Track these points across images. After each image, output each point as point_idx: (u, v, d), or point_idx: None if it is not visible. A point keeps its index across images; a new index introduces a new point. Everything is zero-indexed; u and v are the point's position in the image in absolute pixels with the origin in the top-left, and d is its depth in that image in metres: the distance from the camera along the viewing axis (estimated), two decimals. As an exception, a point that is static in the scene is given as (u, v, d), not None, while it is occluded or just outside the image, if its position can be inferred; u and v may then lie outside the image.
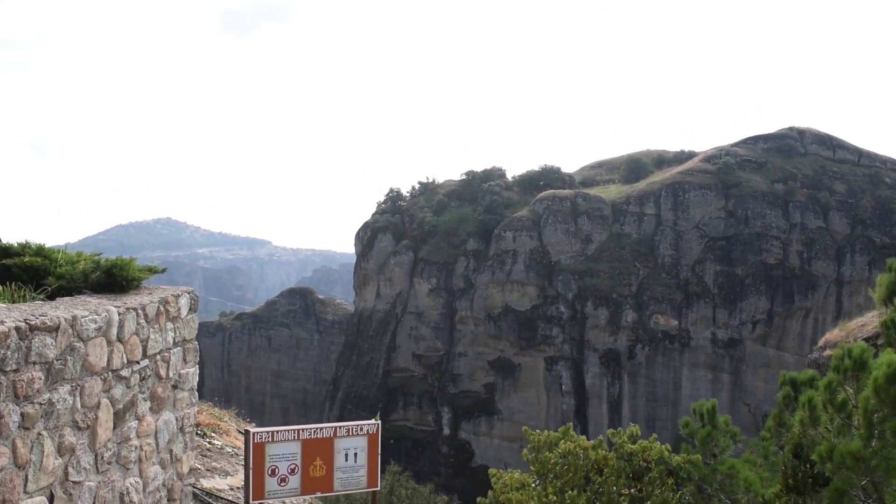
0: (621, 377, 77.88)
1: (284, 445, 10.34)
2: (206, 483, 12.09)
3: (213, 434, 14.92)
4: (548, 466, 14.30)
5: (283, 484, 10.30)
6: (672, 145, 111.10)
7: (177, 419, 9.50)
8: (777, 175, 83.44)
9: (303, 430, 10.60)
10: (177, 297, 9.40)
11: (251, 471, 10.12)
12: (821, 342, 36.30)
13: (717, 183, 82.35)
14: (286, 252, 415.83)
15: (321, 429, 10.73)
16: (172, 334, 9.18)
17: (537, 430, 15.00)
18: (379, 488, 11.29)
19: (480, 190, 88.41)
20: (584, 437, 15.22)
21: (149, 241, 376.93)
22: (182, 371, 9.63)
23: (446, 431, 79.78)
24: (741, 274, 78.71)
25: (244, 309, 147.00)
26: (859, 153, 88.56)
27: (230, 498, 11.73)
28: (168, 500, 9.32)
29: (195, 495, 10.97)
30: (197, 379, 10.33)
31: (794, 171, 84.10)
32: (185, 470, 10.03)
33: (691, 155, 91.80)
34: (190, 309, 9.93)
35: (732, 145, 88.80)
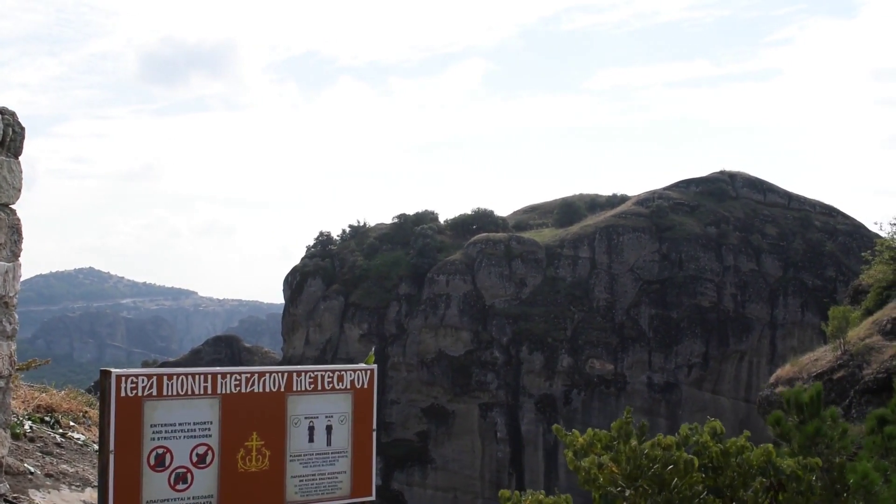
0: (557, 423, 76.08)
1: (185, 405, 5.64)
2: (41, 499, 7.31)
3: (72, 424, 10.25)
4: (607, 472, 9.65)
5: (179, 487, 5.59)
6: (605, 189, 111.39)
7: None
8: (710, 218, 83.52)
9: (225, 374, 5.87)
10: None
11: (111, 455, 5.36)
12: (772, 379, 35.14)
13: (650, 226, 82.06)
14: (212, 302, 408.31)
15: (263, 375, 5.99)
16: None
17: (574, 431, 11.48)
18: (374, 497, 6.54)
19: (413, 233, 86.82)
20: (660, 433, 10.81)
21: (70, 292, 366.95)
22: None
23: (378, 482, 76.73)
24: (676, 317, 78.16)
25: (168, 360, 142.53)
26: (789, 197, 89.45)
27: None
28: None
29: None
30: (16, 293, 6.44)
31: (727, 215, 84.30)
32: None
33: (624, 199, 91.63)
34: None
35: (665, 188, 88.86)
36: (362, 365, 6.56)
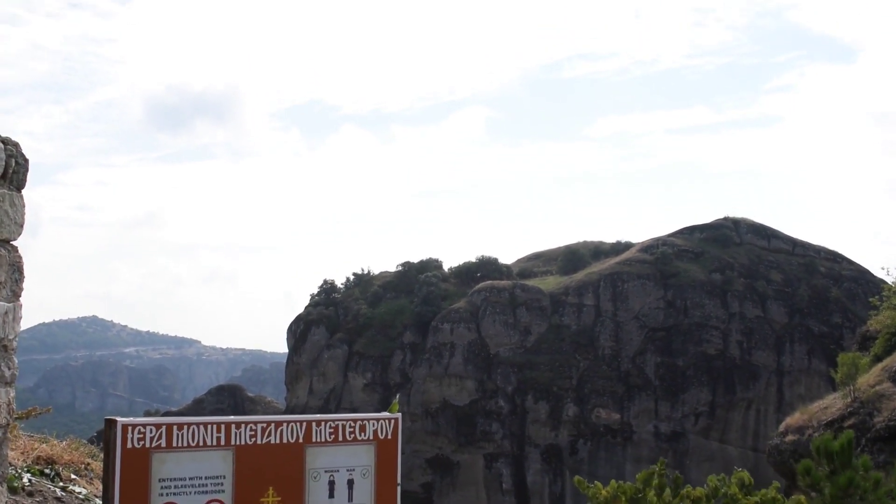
0: (563, 474, 75.36)
1: (196, 458, 5.24)
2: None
3: (73, 477, 9.77)
4: None
5: None
6: (609, 236, 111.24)
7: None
8: (714, 265, 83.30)
9: (239, 424, 5.43)
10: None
11: None
12: (781, 427, 34.69)
13: (655, 273, 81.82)
14: (215, 351, 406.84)
15: (280, 425, 5.56)
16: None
17: (597, 483, 10.86)
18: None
19: (417, 281, 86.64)
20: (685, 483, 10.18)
21: (73, 340, 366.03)
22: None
23: (382, 534, 75.96)
24: (682, 365, 77.61)
25: (170, 409, 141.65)
26: (794, 243, 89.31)
27: None
28: None
29: None
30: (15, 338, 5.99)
31: (731, 261, 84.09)
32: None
33: (628, 245, 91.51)
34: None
35: (669, 235, 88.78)
36: (386, 414, 6.03)
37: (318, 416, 5.80)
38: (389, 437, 5.93)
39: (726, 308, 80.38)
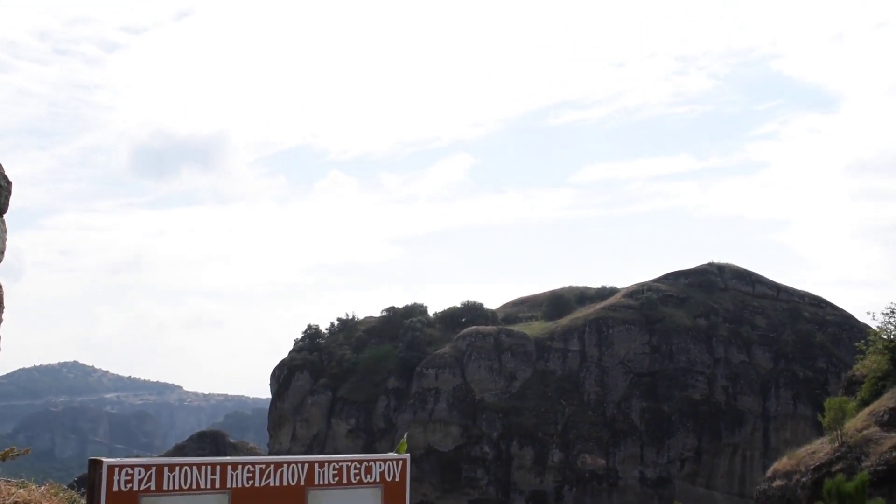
0: (549, 520, 74.68)
1: (189, 502, 4.89)
2: None
3: None
4: None
5: None
6: (594, 281, 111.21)
7: None
8: (699, 310, 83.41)
9: (236, 465, 5.09)
10: None
11: None
12: (769, 472, 34.48)
13: (640, 318, 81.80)
14: (197, 397, 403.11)
15: (280, 466, 5.21)
16: None
17: None
18: None
19: (402, 326, 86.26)
20: None
21: (54, 386, 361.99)
22: None
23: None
24: (668, 410, 77.35)
25: (152, 456, 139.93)
26: (777, 288, 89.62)
27: None
28: None
29: None
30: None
31: (716, 306, 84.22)
32: None
33: (613, 291, 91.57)
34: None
35: (654, 281, 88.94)
36: (393, 455, 5.72)
37: (322, 456, 5.47)
38: (397, 479, 5.58)
39: (711, 353, 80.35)
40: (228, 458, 5.18)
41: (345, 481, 5.38)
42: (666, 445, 76.48)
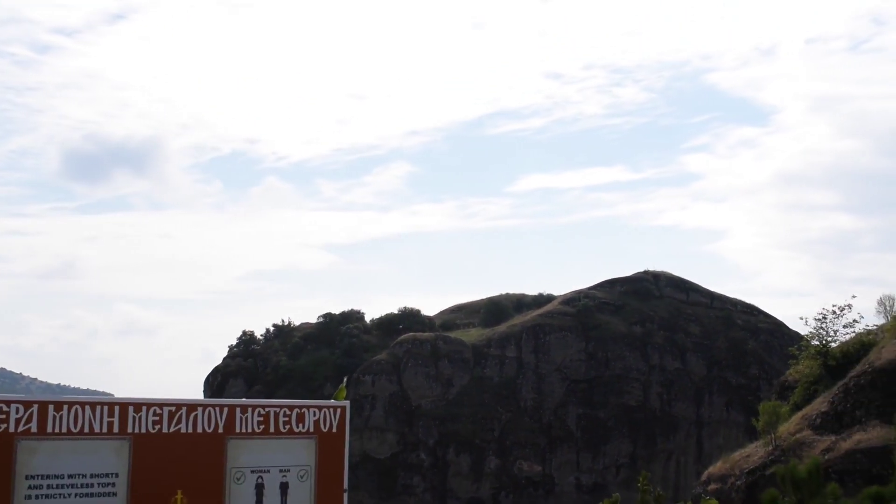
0: (485, 528, 74.58)
1: (79, 449, 3.96)
2: None
3: None
4: None
5: None
6: (531, 289, 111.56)
7: None
8: (635, 317, 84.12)
9: (139, 406, 4.22)
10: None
11: None
12: (703, 476, 34.72)
13: (577, 325, 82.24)
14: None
15: (194, 410, 4.43)
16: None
17: None
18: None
19: (338, 333, 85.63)
20: None
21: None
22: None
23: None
24: (603, 417, 77.83)
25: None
26: (711, 296, 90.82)
27: None
28: None
29: None
30: None
31: (651, 314, 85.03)
32: None
33: (550, 298, 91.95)
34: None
35: (590, 288, 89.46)
36: (331, 402, 4.98)
37: (245, 400, 4.62)
38: (335, 429, 4.89)
39: (647, 360, 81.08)
40: (130, 397, 4.24)
41: (272, 430, 4.64)
42: (602, 451, 76.92)
